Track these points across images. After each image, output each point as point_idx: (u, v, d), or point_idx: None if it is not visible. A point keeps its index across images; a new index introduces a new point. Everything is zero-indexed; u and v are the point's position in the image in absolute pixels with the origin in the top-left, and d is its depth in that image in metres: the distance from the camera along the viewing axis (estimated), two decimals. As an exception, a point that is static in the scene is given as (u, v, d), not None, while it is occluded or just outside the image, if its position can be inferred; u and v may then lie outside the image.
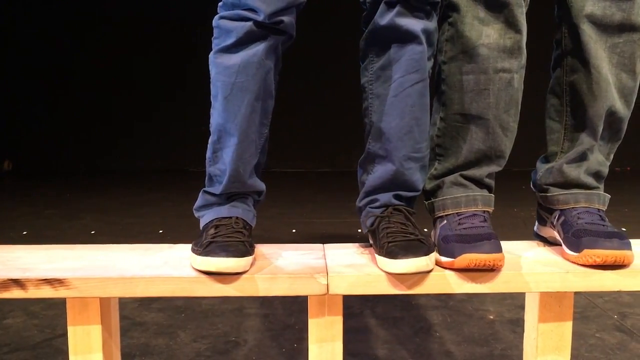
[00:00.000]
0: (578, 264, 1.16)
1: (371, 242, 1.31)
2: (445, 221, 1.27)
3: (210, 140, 1.31)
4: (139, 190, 5.83)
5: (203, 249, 1.15)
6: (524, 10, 1.26)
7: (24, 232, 3.84)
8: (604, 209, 1.30)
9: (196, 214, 1.35)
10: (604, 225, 1.20)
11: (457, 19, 1.26)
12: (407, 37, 1.26)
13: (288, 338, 2.16)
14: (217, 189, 1.31)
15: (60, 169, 7.15)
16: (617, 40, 1.27)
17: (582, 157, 1.32)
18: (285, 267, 1.18)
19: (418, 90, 1.28)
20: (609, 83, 1.28)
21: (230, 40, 1.23)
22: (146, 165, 7.20)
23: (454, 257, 1.15)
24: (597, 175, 1.33)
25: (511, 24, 1.23)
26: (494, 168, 1.31)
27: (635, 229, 3.86)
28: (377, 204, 1.30)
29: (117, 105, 7.39)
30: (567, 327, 1.19)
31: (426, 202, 1.37)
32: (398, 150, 1.29)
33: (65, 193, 5.57)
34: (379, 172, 1.32)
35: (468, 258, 1.12)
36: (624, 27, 1.26)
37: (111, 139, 7.41)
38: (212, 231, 1.21)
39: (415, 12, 1.25)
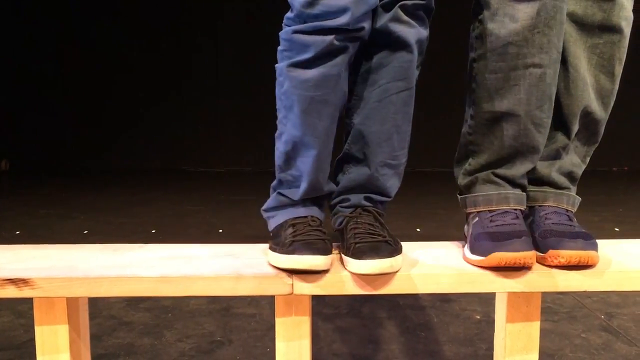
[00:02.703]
0: (544, 264, 1.15)
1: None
2: (477, 218, 1.27)
3: (281, 149, 1.29)
4: (135, 190, 5.85)
5: (286, 248, 1.14)
6: (563, 4, 1.21)
7: (17, 232, 3.85)
8: (573, 211, 1.29)
9: (265, 215, 1.34)
10: (570, 226, 1.19)
11: (486, 16, 1.24)
12: (398, 44, 1.25)
13: (273, 338, 2.14)
14: (294, 193, 1.29)
15: (57, 168, 7.17)
16: (597, 41, 1.27)
17: (555, 156, 1.32)
18: (251, 266, 1.17)
19: (402, 98, 1.28)
20: (586, 83, 1.28)
21: (307, 55, 1.19)
22: (143, 165, 7.21)
23: (485, 256, 1.14)
24: (569, 175, 1.33)
25: (542, 18, 1.20)
26: (528, 165, 1.29)
27: (629, 229, 3.85)
28: (347, 203, 1.30)
29: (114, 105, 7.41)
30: (535, 327, 1.18)
31: (459, 197, 1.36)
32: (375, 156, 1.29)
33: (61, 192, 5.59)
34: (354, 174, 1.32)
35: (498, 257, 1.11)
36: (604, 28, 1.25)
37: (109, 139, 7.43)
38: (290, 230, 1.20)
39: (410, 19, 1.24)
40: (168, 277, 1.12)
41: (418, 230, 3.90)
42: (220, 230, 3.93)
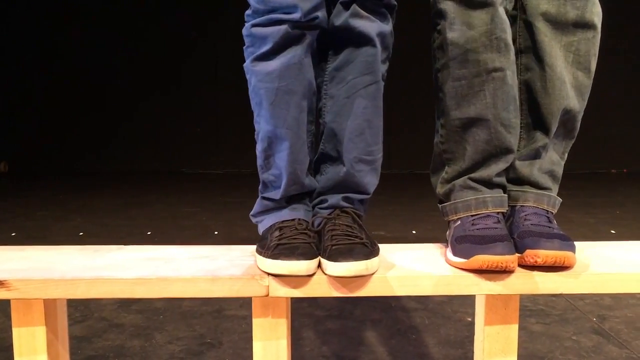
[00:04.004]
0: (521, 265, 1.15)
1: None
2: (459, 222, 1.27)
3: (259, 148, 1.30)
4: (133, 192, 5.85)
5: (271, 252, 1.14)
6: (509, 5, 1.27)
7: (13, 234, 3.86)
8: (554, 212, 1.29)
9: (254, 220, 1.35)
10: (549, 227, 1.19)
11: (444, 26, 1.26)
12: (361, 39, 1.26)
13: (262, 340, 2.15)
14: (276, 194, 1.29)
15: (56, 170, 7.18)
16: (572, 39, 1.27)
17: (535, 155, 1.32)
18: (227, 268, 1.17)
19: (371, 92, 1.28)
20: (564, 82, 1.28)
21: (266, 47, 1.21)
22: (141, 167, 7.22)
23: (467, 258, 1.14)
24: (550, 174, 1.33)
25: (497, 23, 1.23)
26: (502, 165, 1.30)
27: (625, 231, 3.84)
28: (326, 204, 1.30)
29: (112, 107, 7.42)
30: (513, 330, 1.18)
31: (439, 206, 1.37)
32: (349, 152, 1.29)
33: (59, 194, 5.60)
34: (330, 173, 1.32)
35: (480, 259, 1.12)
36: (578, 25, 1.26)
37: (108, 141, 7.44)
38: (276, 233, 1.21)
39: (370, 14, 1.25)
40: (144, 278, 1.12)
41: (414, 232, 3.90)
42: (216, 232, 3.93)
